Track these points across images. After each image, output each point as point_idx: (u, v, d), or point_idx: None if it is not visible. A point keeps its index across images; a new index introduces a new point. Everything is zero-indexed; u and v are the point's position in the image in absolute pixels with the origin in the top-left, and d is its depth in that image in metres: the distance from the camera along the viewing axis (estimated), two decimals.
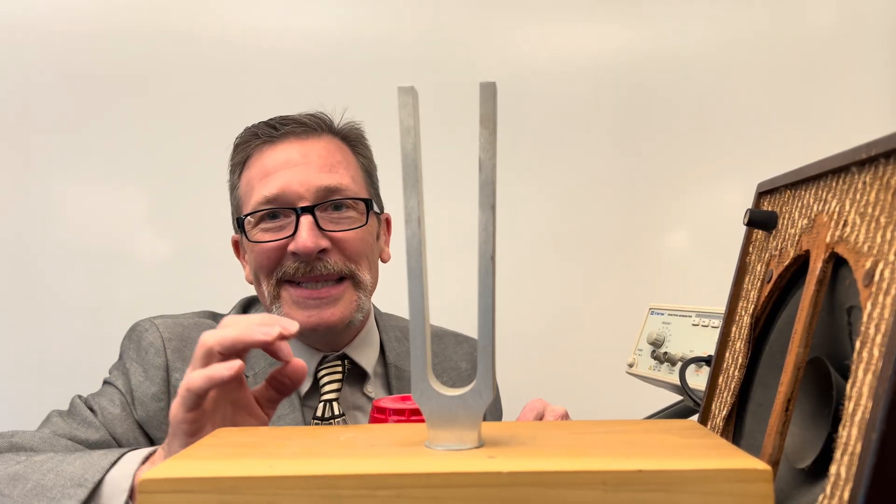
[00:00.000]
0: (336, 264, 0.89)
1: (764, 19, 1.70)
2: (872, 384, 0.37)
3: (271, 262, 0.90)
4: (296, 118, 0.95)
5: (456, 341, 1.08)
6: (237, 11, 1.57)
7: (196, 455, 0.44)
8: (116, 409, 0.88)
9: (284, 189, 0.89)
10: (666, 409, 1.13)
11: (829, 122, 1.67)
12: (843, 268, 0.46)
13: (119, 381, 0.90)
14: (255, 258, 0.92)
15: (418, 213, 0.43)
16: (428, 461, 0.40)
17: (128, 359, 0.92)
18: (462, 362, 1.06)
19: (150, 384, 0.89)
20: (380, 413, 0.63)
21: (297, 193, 0.89)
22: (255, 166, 0.93)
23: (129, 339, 0.94)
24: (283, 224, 0.90)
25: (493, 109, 0.41)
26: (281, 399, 0.63)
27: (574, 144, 1.66)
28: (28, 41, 1.50)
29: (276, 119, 0.95)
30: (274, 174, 0.90)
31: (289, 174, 0.90)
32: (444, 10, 1.64)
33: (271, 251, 0.89)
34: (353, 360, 0.95)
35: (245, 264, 0.98)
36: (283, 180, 0.89)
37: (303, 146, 0.92)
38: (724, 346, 0.61)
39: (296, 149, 0.92)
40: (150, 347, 0.91)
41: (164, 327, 0.93)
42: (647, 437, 0.45)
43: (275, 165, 0.91)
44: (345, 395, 0.94)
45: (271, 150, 0.92)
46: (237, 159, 0.96)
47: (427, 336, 0.44)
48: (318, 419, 0.90)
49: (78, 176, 1.52)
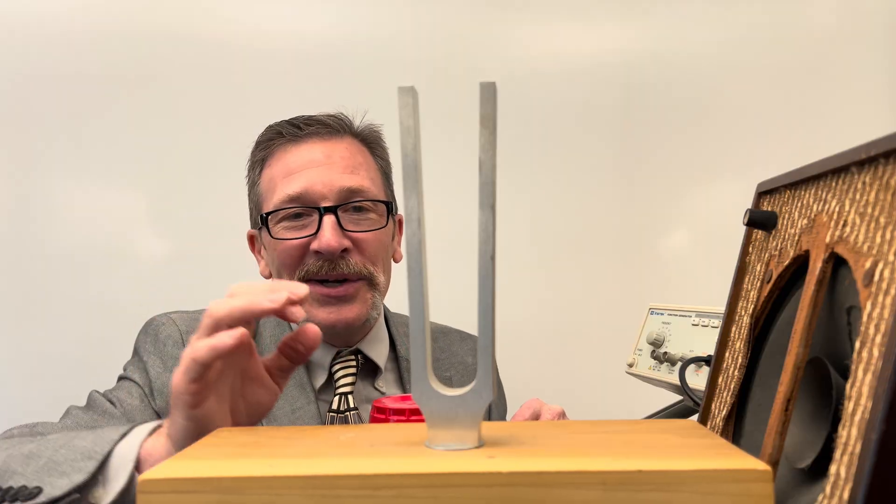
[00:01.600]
0: (356, 265, 0.91)
1: (764, 19, 1.70)
2: (872, 384, 0.37)
3: (294, 259, 0.92)
4: (319, 119, 0.97)
5: (461, 337, 1.10)
6: (237, 12, 1.57)
7: (196, 455, 0.44)
8: (135, 400, 0.88)
9: (308, 188, 0.91)
10: (666, 409, 1.14)
11: (829, 122, 1.67)
12: (842, 268, 0.46)
13: (136, 374, 0.91)
14: (277, 255, 0.93)
15: (418, 213, 0.43)
16: (428, 461, 0.40)
17: (144, 352, 0.92)
18: (468, 357, 1.07)
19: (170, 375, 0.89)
20: (380, 413, 0.63)
21: (320, 193, 0.91)
22: (278, 164, 0.94)
23: (144, 334, 0.94)
24: (305, 223, 0.92)
25: (493, 109, 0.41)
26: (294, 368, 0.62)
27: (574, 144, 1.66)
28: (28, 41, 1.50)
29: (300, 119, 0.97)
30: (297, 173, 0.92)
31: (312, 174, 0.92)
32: (444, 10, 1.64)
33: (294, 249, 0.91)
34: (365, 355, 0.97)
35: (261, 259, 1.00)
36: (306, 179, 0.91)
37: (326, 146, 0.94)
38: (724, 346, 0.61)
39: (319, 149, 0.94)
40: (168, 339, 0.92)
41: (181, 321, 0.94)
42: (646, 437, 0.45)
43: (298, 164, 0.93)
44: (357, 389, 0.96)
45: (295, 149, 0.94)
46: (258, 156, 0.98)
47: (427, 336, 0.44)
48: (333, 412, 0.92)
49: (78, 176, 1.52)
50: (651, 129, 1.68)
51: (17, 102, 1.50)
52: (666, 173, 1.68)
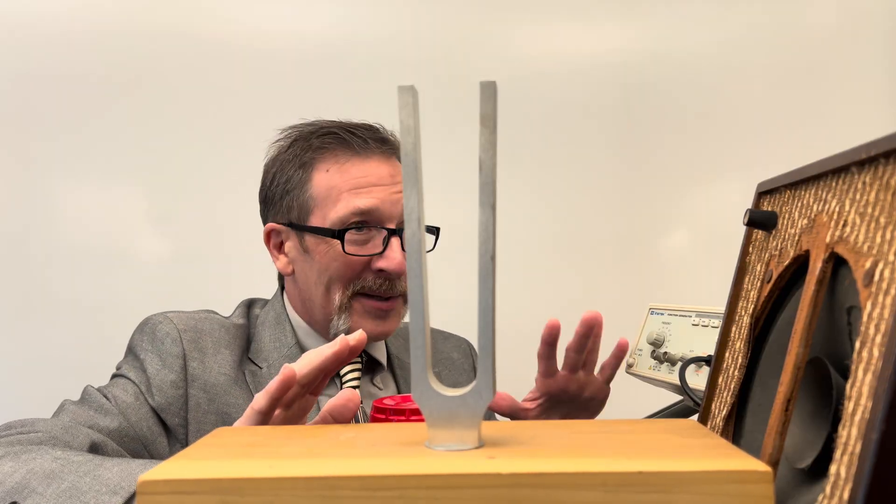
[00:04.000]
0: (404, 286, 0.95)
1: (764, 19, 1.70)
2: (872, 384, 0.37)
3: (355, 273, 0.94)
4: (379, 134, 0.98)
5: (443, 336, 1.14)
6: (237, 12, 1.57)
7: (196, 455, 0.44)
8: (129, 398, 0.88)
9: (379, 206, 0.93)
10: (666, 409, 1.14)
11: (829, 122, 1.67)
12: (842, 268, 0.46)
13: (131, 372, 0.91)
14: (336, 266, 0.94)
15: (418, 213, 0.43)
16: (428, 462, 0.40)
17: (141, 350, 0.93)
18: (454, 353, 1.11)
19: (169, 371, 0.90)
20: (380, 413, 0.63)
21: (388, 213, 0.94)
22: (342, 174, 0.94)
23: (141, 333, 0.95)
24: (367, 238, 0.94)
25: (494, 109, 0.41)
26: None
27: (574, 144, 1.66)
28: (28, 41, 1.50)
29: (358, 128, 0.97)
30: (368, 189, 0.94)
31: (382, 192, 0.94)
32: (444, 10, 1.64)
33: (357, 264, 0.94)
34: (370, 355, 1.02)
35: (281, 255, 1.00)
36: (378, 197, 0.93)
37: (390, 167, 0.96)
38: (724, 346, 0.61)
39: (385, 168, 0.96)
40: (166, 338, 0.92)
41: (178, 320, 0.95)
42: (647, 438, 0.45)
43: (367, 181, 0.94)
44: (361, 385, 0.99)
45: (362, 163, 0.95)
46: (308, 157, 0.97)
47: (427, 336, 0.44)
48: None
49: (78, 176, 1.52)
50: (651, 129, 1.68)
51: (18, 102, 1.50)
52: (666, 173, 1.68)
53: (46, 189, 1.51)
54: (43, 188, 1.50)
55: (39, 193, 1.50)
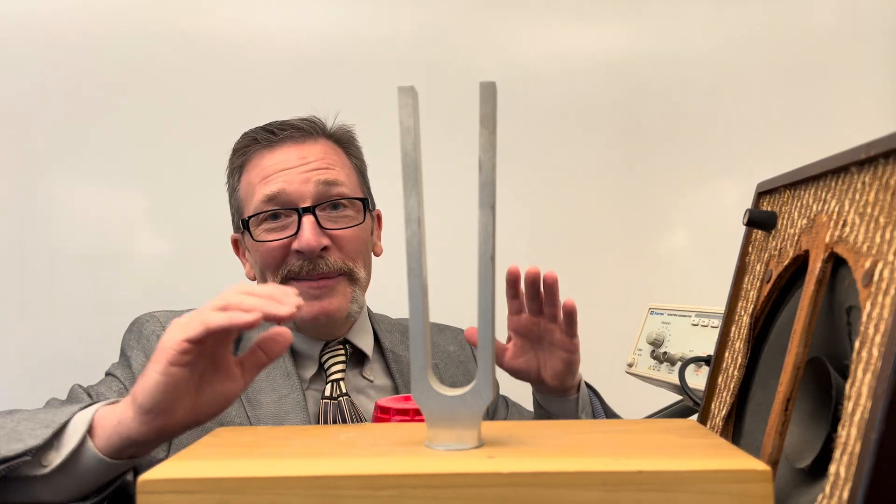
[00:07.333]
0: (336, 262, 0.94)
1: (764, 19, 1.70)
2: (872, 384, 0.37)
3: (276, 260, 0.94)
4: (293, 123, 1.00)
5: (438, 329, 1.13)
6: (237, 12, 1.57)
7: (196, 455, 0.44)
8: (113, 395, 0.89)
9: (285, 188, 0.94)
10: (666, 409, 1.14)
11: (828, 122, 1.67)
12: (842, 268, 0.46)
13: (118, 370, 0.93)
14: (260, 257, 0.96)
15: (418, 213, 0.43)
16: (428, 461, 0.40)
17: (129, 349, 0.95)
18: (450, 346, 1.11)
19: None
20: (383, 413, 0.63)
21: (297, 193, 0.94)
22: (255, 169, 0.97)
23: (129, 332, 0.97)
24: (285, 224, 0.94)
25: (493, 109, 0.42)
26: (265, 365, 0.66)
27: (574, 144, 1.66)
28: (28, 41, 1.50)
29: (274, 124, 1.00)
30: (274, 176, 0.95)
31: (288, 175, 0.95)
32: (444, 10, 1.64)
33: (276, 250, 0.94)
34: (353, 345, 1.01)
35: (245, 262, 1.03)
36: (283, 181, 0.94)
37: (301, 149, 0.97)
38: (724, 346, 0.61)
39: (294, 152, 0.97)
40: (151, 335, 0.94)
41: (164, 318, 0.97)
42: (647, 437, 0.45)
43: (274, 168, 0.96)
44: (347, 377, 0.99)
45: (270, 153, 0.97)
46: (236, 163, 1.01)
47: (427, 336, 0.44)
48: (326, 398, 0.95)
49: (78, 176, 1.52)
50: (651, 130, 1.68)
51: (18, 102, 1.50)
52: (666, 173, 1.67)
53: (47, 189, 1.50)
54: (43, 188, 1.50)
55: (40, 193, 1.50)
